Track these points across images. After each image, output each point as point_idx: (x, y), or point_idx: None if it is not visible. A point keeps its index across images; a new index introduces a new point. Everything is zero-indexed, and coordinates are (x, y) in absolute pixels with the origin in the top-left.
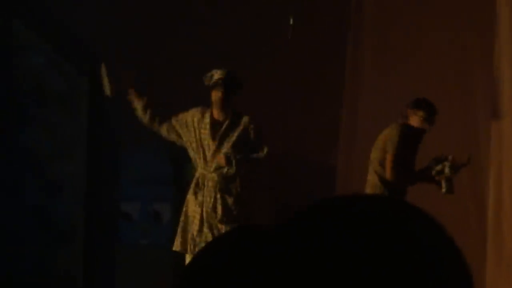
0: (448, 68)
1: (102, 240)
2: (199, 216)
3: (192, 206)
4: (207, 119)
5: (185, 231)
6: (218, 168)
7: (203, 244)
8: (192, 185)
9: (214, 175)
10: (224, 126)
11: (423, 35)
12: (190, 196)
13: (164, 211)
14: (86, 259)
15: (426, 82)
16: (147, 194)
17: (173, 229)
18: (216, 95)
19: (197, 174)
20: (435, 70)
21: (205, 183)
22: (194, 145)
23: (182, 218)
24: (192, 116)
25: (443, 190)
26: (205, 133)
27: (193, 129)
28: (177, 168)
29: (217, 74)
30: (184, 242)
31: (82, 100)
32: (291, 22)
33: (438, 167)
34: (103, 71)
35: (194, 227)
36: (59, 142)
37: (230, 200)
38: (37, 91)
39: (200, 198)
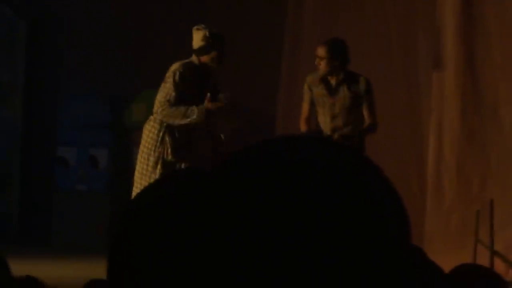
0: (390, 19)
1: (39, 185)
2: None
3: None
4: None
5: None
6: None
7: None
8: None
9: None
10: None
11: None
12: None
13: (101, 157)
14: (23, 204)
15: (368, 34)
16: (84, 139)
17: (110, 175)
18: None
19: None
20: (377, 23)
21: None
22: None
23: None
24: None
25: None
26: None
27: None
28: (115, 113)
29: None
30: None
31: (19, 45)
32: None
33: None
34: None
35: None
36: None
37: None
38: None
39: None
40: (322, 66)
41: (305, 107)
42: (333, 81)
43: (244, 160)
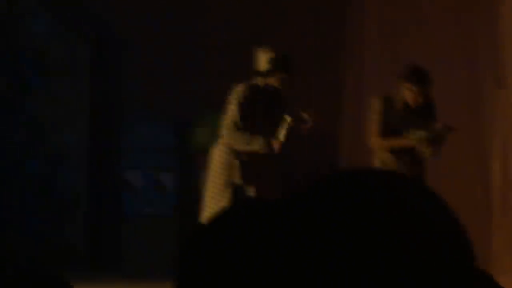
0: (453, 38)
1: (106, 209)
2: None
3: None
4: None
5: None
6: None
7: None
8: None
9: None
10: None
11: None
12: None
13: (168, 180)
14: (91, 230)
15: (432, 51)
16: (150, 163)
17: (176, 198)
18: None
19: None
20: (440, 40)
21: None
22: None
23: None
24: None
25: (426, 155)
26: None
27: None
28: (180, 137)
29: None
30: None
31: (84, 69)
32: None
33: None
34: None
35: None
36: (62, 111)
37: None
38: (39, 59)
39: None
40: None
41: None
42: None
43: (312, 194)
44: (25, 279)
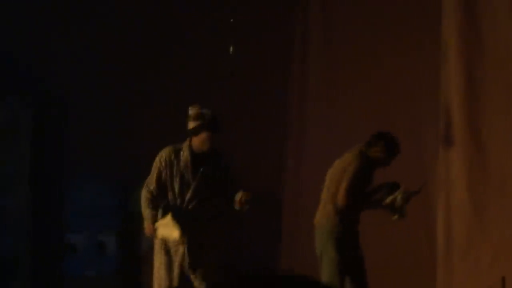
0: (395, 96)
1: (48, 272)
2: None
3: None
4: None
5: None
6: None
7: None
8: None
9: None
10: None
11: (369, 65)
12: None
13: (109, 242)
14: None
15: (374, 110)
16: (91, 225)
17: (118, 260)
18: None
19: None
20: (382, 99)
21: None
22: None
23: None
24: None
25: (394, 217)
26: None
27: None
28: (122, 199)
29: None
30: None
31: (25, 133)
32: (231, 50)
33: (390, 198)
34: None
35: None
36: (1, 176)
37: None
38: None
39: None
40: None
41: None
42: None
43: None
44: None
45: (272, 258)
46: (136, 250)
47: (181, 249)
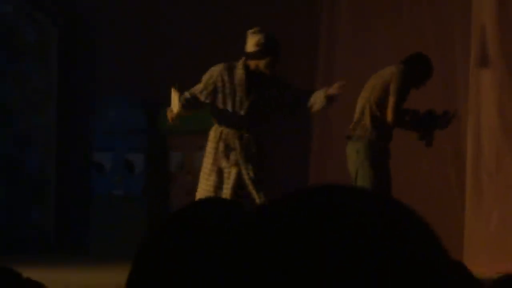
0: (427, 17)
1: (75, 191)
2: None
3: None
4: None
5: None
6: None
7: None
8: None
9: None
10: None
11: None
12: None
13: (137, 161)
14: (60, 212)
15: (406, 33)
16: (119, 144)
17: (146, 180)
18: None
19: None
20: (414, 21)
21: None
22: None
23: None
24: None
25: (425, 143)
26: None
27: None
28: (150, 118)
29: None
30: None
31: (52, 51)
32: None
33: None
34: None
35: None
36: (30, 93)
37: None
38: (6, 41)
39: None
40: None
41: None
42: None
43: (280, 209)
44: None
45: None
46: (164, 170)
47: (234, 171)
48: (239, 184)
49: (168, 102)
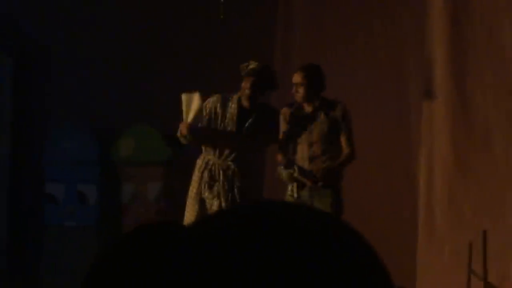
0: (382, 49)
1: (27, 222)
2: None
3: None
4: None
5: None
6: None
7: None
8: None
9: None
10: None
11: (356, 21)
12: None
13: (90, 193)
14: (12, 242)
15: (359, 65)
16: (72, 175)
17: (99, 211)
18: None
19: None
20: (368, 55)
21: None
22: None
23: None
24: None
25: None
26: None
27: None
28: (104, 149)
29: (252, 65)
30: None
31: (6, 81)
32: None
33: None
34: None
35: None
36: None
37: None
38: None
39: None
40: (300, 93)
41: (283, 137)
42: (309, 108)
43: (220, 221)
44: None
45: None
46: (117, 202)
47: (216, 203)
48: None
49: (120, 133)
